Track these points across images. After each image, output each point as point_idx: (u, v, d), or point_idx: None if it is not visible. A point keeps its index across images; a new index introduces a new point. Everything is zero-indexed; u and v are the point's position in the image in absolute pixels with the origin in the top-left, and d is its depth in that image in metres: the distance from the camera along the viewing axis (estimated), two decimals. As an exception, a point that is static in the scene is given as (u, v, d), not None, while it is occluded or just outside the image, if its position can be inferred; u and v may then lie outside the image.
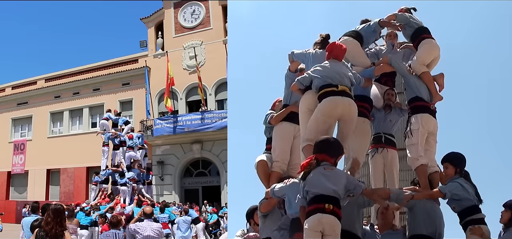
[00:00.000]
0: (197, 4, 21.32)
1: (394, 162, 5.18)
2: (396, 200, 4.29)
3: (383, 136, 5.14)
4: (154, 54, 21.73)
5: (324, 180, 3.62)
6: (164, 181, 20.13)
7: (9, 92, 26.40)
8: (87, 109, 23.18)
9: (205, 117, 18.74)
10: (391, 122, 5.19)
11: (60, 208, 4.28)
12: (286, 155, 4.67)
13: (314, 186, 3.62)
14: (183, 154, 20.08)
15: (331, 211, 3.52)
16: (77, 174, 22.49)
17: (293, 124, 4.65)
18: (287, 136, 4.68)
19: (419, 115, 4.55)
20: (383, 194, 4.29)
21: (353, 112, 4.26)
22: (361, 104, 4.71)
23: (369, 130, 4.91)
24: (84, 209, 12.55)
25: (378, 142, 5.16)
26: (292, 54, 4.80)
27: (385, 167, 5.16)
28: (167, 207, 13.06)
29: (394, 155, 5.21)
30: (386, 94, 5.27)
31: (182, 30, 21.38)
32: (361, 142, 4.73)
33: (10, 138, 25.70)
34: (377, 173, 5.15)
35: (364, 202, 4.26)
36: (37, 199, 17.67)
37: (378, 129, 5.19)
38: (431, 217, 4.09)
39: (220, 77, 19.62)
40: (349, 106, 4.21)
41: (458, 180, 4.07)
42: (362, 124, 4.71)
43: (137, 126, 19.52)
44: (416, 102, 4.64)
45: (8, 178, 25.28)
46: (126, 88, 21.98)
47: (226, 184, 18.83)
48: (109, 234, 5.89)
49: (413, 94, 4.69)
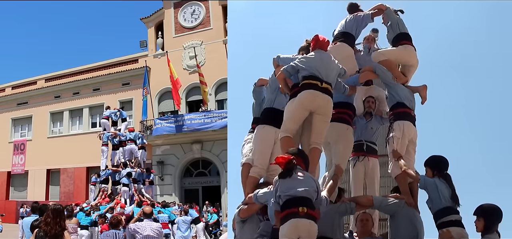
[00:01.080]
0: (197, 4, 21.31)
1: (375, 170, 5.18)
2: (379, 207, 4.32)
3: (365, 143, 5.13)
4: (154, 54, 21.73)
5: (295, 183, 3.57)
6: (164, 181, 20.13)
7: (9, 92, 26.39)
8: (87, 109, 23.17)
9: (205, 117, 18.73)
10: (372, 129, 5.19)
11: (59, 208, 4.28)
12: (266, 160, 4.46)
13: (287, 188, 3.56)
14: (183, 154, 20.07)
15: (306, 214, 3.44)
16: (77, 174, 22.48)
17: (274, 128, 4.45)
18: (268, 140, 4.48)
19: (401, 122, 4.58)
20: (365, 202, 4.33)
21: (329, 109, 4.23)
22: (344, 111, 4.76)
23: (352, 137, 4.87)
24: (84, 209, 12.54)
25: (359, 150, 5.15)
26: (277, 58, 4.68)
27: (366, 175, 5.16)
28: (167, 207, 13.07)
29: (375, 163, 5.21)
30: (366, 101, 5.29)
31: (182, 30, 21.37)
32: (344, 149, 4.69)
33: (10, 138, 25.69)
34: (357, 181, 5.14)
35: (346, 209, 4.27)
36: (37, 199, 17.66)
37: (360, 137, 5.17)
38: (412, 223, 4.13)
39: (220, 77, 19.60)
40: (327, 103, 4.20)
41: (434, 179, 4.11)
42: (345, 131, 4.71)
43: (137, 126, 19.54)
44: (398, 109, 4.67)
45: (8, 178, 25.27)
46: (126, 88, 21.97)
47: (226, 185, 18.82)
48: (109, 234, 5.90)
49: (395, 101, 4.72)
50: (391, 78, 4.86)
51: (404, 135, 4.53)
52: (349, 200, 4.37)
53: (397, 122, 4.60)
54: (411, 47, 4.95)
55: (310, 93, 4.14)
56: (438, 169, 4.19)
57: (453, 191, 4.05)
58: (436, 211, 4.03)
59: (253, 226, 4.13)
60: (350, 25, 5.04)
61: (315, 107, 4.18)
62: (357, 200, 4.41)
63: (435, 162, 4.24)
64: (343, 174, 4.63)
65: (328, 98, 4.20)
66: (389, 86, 4.86)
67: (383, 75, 4.87)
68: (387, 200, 4.27)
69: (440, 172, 4.17)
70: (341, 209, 4.24)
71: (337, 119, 4.65)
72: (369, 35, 5.43)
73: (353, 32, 5.04)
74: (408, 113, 4.65)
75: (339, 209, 4.23)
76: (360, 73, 4.97)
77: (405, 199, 4.23)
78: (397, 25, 5.04)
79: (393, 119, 4.67)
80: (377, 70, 4.86)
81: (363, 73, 4.94)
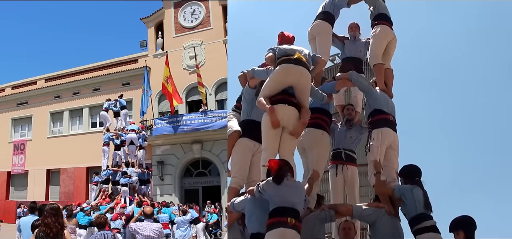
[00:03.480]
0: (197, 4, 21.31)
1: (354, 178, 5.19)
2: (359, 216, 4.33)
3: (343, 152, 5.14)
4: (154, 54, 21.72)
5: (287, 192, 3.59)
6: (164, 181, 20.12)
7: (9, 92, 26.38)
8: (87, 109, 23.17)
9: (205, 116, 18.71)
10: (351, 138, 5.21)
11: (57, 207, 4.29)
12: (245, 171, 4.59)
13: (278, 195, 3.57)
14: (183, 154, 20.07)
15: (293, 225, 3.49)
16: (77, 174, 22.48)
17: (253, 140, 4.56)
18: (247, 152, 4.60)
19: (379, 130, 4.60)
20: (345, 211, 4.33)
21: (305, 79, 4.30)
22: (319, 116, 4.80)
23: (327, 142, 4.91)
24: (84, 209, 12.54)
25: (338, 158, 5.18)
26: (252, 71, 4.74)
27: (346, 183, 5.17)
28: (167, 207, 13.06)
29: (354, 171, 5.23)
30: (346, 109, 5.35)
31: (182, 30, 21.37)
32: (320, 154, 4.72)
33: (10, 138, 25.68)
34: (337, 189, 5.16)
35: (326, 217, 4.27)
36: (37, 199, 17.63)
37: (338, 145, 5.19)
38: (393, 232, 4.13)
39: (220, 77, 19.60)
40: (301, 74, 4.25)
41: (411, 187, 4.18)
42: (320, 136, 4.75)
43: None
44: (377, 116, 4.69)
45: (8, 178, 25.25)
46: (126, 88, 21.94)
47: (226, 185, 18.81)
48: (97, 236, 5.70)
49: (373, 108, 4.74)
50: (368, 85, 4.90)
51: (382, 143, 4.56)
52: (328, 208, 4.35)
53: (375, 130, 4.61)
54: (384, 25, 5.11)
55: (283, 67, 4.28)
56: (409, 178, 4.27)
57: (425, 198, 4.13)
58: (411, 217, 4.10)
59: (234, 235, 4.17)
60: (328, 6, 5.31)
61: (291, 81, 4.26)
62: (336, 208, 4.39)
63: (407, 171, 4.33)
64: (319, 178, 4.62)
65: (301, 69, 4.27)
66: (366, 92, 4.88)
67: (359, 83, 4.92)
68: (367, 210, 4.25)
69: (413, 180, 4.24)
70: (321, 216, 4.23)
71: (312, 125, 4.70)
72: (353, 23, 5.58)
73: (332, 11, 5.28)
74: (386, 119, 4.66)
75: (319, 217, 4.22)
76: (336, 80, 5.05)
77: (386, 208, 4.21)
78: (376, 7, 5.25)
79: (371, 127, 4.69)
80: (353, 78, 4.90)
81: (340, 81, 5.01)
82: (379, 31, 5.12)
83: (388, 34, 5.14)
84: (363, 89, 4.92)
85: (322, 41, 5.18)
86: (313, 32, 5.25)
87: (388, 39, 5.13)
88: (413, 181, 4.24)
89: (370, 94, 4.83)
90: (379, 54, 5.10)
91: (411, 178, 4.26)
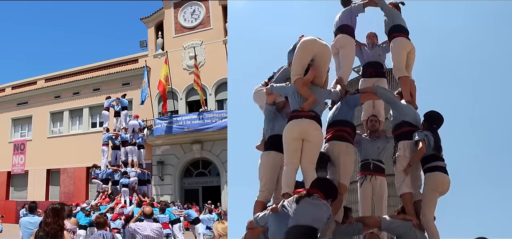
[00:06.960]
0: (197, 4, 21.31)
1: (382, 188, 5.15)
2: (387, 229, 4.32)
3: (372, 162, 5.10)
4: (154, 54, 21.72)
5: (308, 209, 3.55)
6: (164, 181, 20.12)
7: (9, 92, 26.38)
8: (87, 109, 23.17)
9: (205, 117, 18.71)
10: (378, 149, 5.17)
11: (57, 207, 4.28)
12: (272, 185, 4.61)
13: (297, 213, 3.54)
14: (183, 154, 20.06)
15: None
16: (77, 174, 22.47)
17: (280, 153, 4.57)
18: (275, 166, 4.62)
19: (406, 142, 4.63)
20: (373, 223, 4.34)
21: (327, 55, 4.66)
22: (342, 128, 4.76)
23: (352, 154, 4.87)
24: (84, 209, 12.54)
25: (366, 169, 5.14)
26: (271, 87, 4.80)
27: (374, 194, 5.13)
28: (167, 207, 13.04)
29: (383, 181, 5.19)
30: (370, 121, 5.33)
31: (182, 30, 21.37)
32: (345, 167, 4.67)
33: (10, 138, 25.68)
34: (365, 200, 5.13)
35: (353, 230, 4.27)
36: (37, 199, 17.62)
37: (366, 156, 5.16)
38: None
39: (220, 77, 19.60)
40: (324, 48, 4.61)
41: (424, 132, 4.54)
42: (345, 148, 4.71)
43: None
44: (403, 128, 4.71)
45: (8, 178, 25.25)
46: (126, 88, 21.91)
47: (226, 184, 18.81)
48: (95, 236, 5.72)
49: (399, 119, 4.76)
50: (393, 96, 4.91)
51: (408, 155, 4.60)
52: (356, 220, 4.35)
53: (402, 142, 4.64)
54: (401, 38, 5.14)
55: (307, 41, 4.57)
56: (429, 123, 4.66)
57: (437, 142, 4.48)
58: (424, 157, 4.48)
59: None
60: (345, 17, 5.34)
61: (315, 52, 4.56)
62: (364, 220, 4.39)
63: (429, 117, 4.69)
64: (346, 191, 4.63)
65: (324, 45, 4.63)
66: (392, 104, 4.88)
67: (384, 96, 4.93)
68: (395, 222, 4.25)
69: (430, 126, 4.62)
70: (348, 230, 4.22)
71: (336, 138, 4.70)
72: (371, 32, 5.64)
73: (349, 22, 5.32)
74: (413, 131, 4.67)
75: (346, 230, 4.21)
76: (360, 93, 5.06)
77: (413, 221, 4.23)
78: (391, 18, 5.24)
79: (398, 138, 4.71)
80: (378, 92, 4.92)
81: (364, 94, 5.01)
82: (398, 43, 5.16)
83: (407, 45, 5.18)
84: (388, 101, 4.92)
85: (346, 54, 5.23)
86: (337, 46, 5.28)
87: (407, 50, 5.18)
88: (431, 127, 4.61)
89: (396, 106, 4.84)
90: (403, 66, 5.12)
91: (430, 123, 4.64)
